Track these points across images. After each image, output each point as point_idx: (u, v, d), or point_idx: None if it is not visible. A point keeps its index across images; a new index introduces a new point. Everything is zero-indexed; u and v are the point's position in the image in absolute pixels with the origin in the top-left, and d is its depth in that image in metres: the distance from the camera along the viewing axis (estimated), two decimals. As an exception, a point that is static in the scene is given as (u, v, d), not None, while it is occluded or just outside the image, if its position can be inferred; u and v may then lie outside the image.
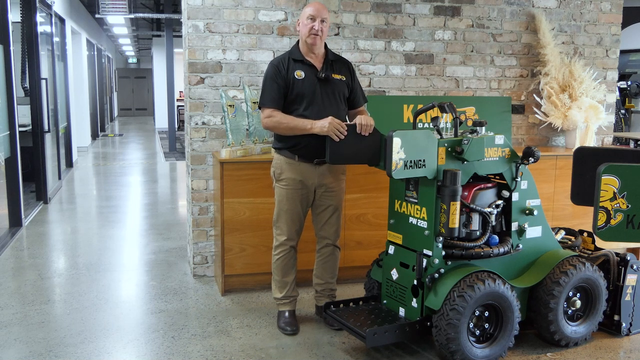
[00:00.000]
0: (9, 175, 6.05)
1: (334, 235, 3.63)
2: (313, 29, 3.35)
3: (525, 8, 5.01)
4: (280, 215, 3.52)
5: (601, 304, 3.46)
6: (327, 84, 3.42)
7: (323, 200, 3.53)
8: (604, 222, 2.96)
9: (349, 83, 3.53)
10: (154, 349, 3.36)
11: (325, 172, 3.47)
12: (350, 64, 3.60)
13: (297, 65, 3.41)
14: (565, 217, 4.71)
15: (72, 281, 4.48)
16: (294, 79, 3.38)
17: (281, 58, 3.46)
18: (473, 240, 3.24)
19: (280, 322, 3.60)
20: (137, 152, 13.03)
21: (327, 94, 3.42)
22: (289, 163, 3.44)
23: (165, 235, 5.81)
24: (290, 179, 3.45)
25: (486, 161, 3.25)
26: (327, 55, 3.49)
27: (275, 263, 3.59)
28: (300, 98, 3.38)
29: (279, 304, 3.65)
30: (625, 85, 9.69)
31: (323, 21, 3.37)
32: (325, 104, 3.39)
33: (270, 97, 3.37)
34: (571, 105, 4.93)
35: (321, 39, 3.40)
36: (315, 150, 3.35)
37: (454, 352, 3.03)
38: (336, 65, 3.50)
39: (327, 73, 3.42)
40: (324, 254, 3.67)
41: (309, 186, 3.47)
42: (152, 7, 14.74)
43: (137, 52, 25.83)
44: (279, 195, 3.51)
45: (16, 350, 3.32)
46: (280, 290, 3.62)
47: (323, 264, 3.68)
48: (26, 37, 6.80)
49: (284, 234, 3.53)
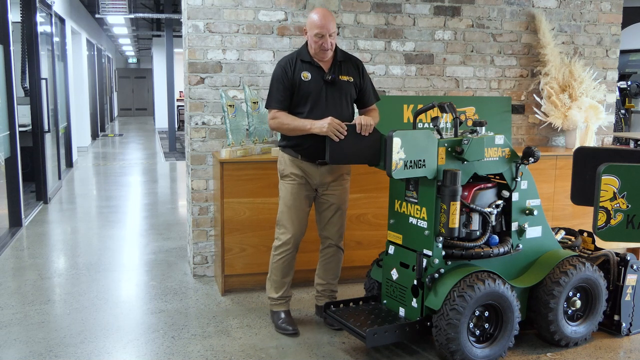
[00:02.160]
0: (9, 175, 6.05)
1: (336, 236, 3.62)
2: (324, 46, 3.31)
3: (525, 8, 5.01)
4: (285, 213, 3.50)
5: (601, 304, 3.45)
6: (334, 86, 3.39)
7: (325, 198, 3.53)
8: (604, 222, 2.96)
9: (358, 83, 3.48)
10: (154, 349, 3.36)
11: (328, 171, 3.47)
12: (360, 63, 3.54)
13: (305, 67, 3.38)
14: (565, 217, 4.71)
15: (72, 281, 4.48)
16: (300, 81, 3.35)
17: (289, 58, 3.42)
18: (473, 240, 3.24)
19: (279, 322, 3.58)
20: (137, 152, 13.03)
21: (334, 97, 3.39)
22: (292, 160, 3.46)
23: (165, 235, 5.81)
24: (293, 174, 3.46)
25: (486, 161, 3.25)
26: (336, 56, 3.44)
27: (276, 263, 3.56)
28: (305, 100, 3.36)
29: (274, 304, 3.63)
30: (625, 85, 9.69)
31: (331, 35, 3.30)
32: (330, 106, 3.37)
33: (276, 99, 3.36)
34: (571, 105, 4.93)
35: (331, 50, 3.37)
36: (318, 150, 3.35)
37: (454, 352, 3.03)
38: (345, 65, 3.45)
39: (334, 75, 3.39)
40: (326, 255, 3.66)
41: (312, 184, 3.48)
42: (152, 7, 14.75)
43: (137, 52, 25.83)
44: (284, 192, 3.51)
45: (16, 350, 3.32)
46: (277, 290, 3.60)
47: (325, 265, 3.68)
48: (26, 37, 6.80)
49: (288, 232, 3.50)
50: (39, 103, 6.94)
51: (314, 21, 3.29)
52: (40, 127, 7.00)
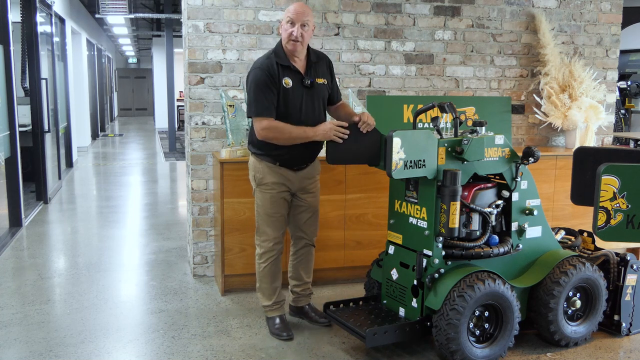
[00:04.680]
0: (9, 175, 6.05)
1: (312, 235, 3.60)
2: (292, 35, 3.18)
3: (525, 8, 5.01)
4: (265, 220, 3.44)
5: (601, 304, 3.45)
6: (311, 91, 3.32)
7: (302, 202, 3.49)
8: (604, 222, 2.96)
9: (329, 84, 3.44)
10: (154, 349, 3.36)
11: (305, 175, 3.44)
12: (329, 60, 3.48)
13: (285, 72, 3.24)
14: (565, 217, 4.71)
15: (72, 281, 4.48)
16: (283, 87, 3.23)
17: (269, 63, 3.23)
18: (473, 240, 3.24)
19: (274, 328, 3.53)
20: (137, 152, 13.03)
21: (312, 101, 3.32)
22: (270, 167, 3.37)
23: (165, 235, 5.81)
24: (272, 182, 3.38)
25: (486, 161, 3.25)
26: (310, 57, 3.35)
27: (263, 271, 3.51)
28: (288, 107, 3.25)
29: (269, 311, 3.58)
30: (625, 85, 9.68)
31: (304, 25, 3.18)
32: (308, 112, 3.30)
33: (264, 106, 3.18)
34: (571, 105, 4.93)
35: (302, 45, 3.23)
36: (296, 159, 3.34)
37: (454, 352, 3.03)
38: (318, 67, 3.38)
39: (312, 79, 3.31)
40: (302, 254, 3.62)
41: (290, 189, 3.43)
42: (152, 7, 14.74)
43: (137, 52, 25.84)
44: (262, 200, 3.43)
45: (16, 350, 3.32)
46: (270, 297, 3.55)
47: (301, 264, 3.64)
48: (26, 37, 6.80)
49: (270, 239, 3.45)
50: (39, 103, 6.94)
51: (288, 9, 3.24)
52: (40, 127, 7.00)
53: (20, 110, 6.37)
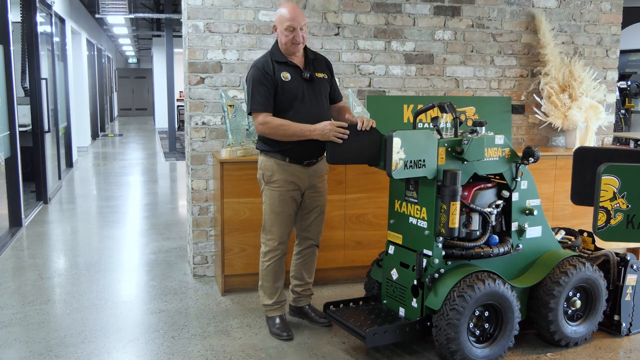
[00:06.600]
0: (9, 175, 6.05)
1: (318, 236, 3.61)
2: (296, 39, 3.27)
3: (525, 8, 5.01)
4: (272, 219, 3.45)
5: (601, 304, 3.45)
6: (313, 84, 3.37)
7: (311, 202, 3.50)
8: (604, 222, 2.96)
9: (330, 81, 3.50)
10: (154, 349, 3.36)
11: (314, 173, 3.45)
12: (328, 61, 3.54)
13: (282, 67, 3.31)
14: (565, 217, 4.72)
15: (72, 281, 4.48)
16: (281, 82, 3.29)
17: (264, 60, 3.33)
18: (473, 240, 3.24)
19: (274, 328, 3.54)
20: (137, 152, 13.03)
21: (314, 94, 3.37)
22: (279, 164, 3.37)
23: (165, 235, 5.81)
24: (282, 180, 3.38)
25: (486, 161, 3.25)
26: (307, 54, 3.43)
27: (267, 269, 3.51)
28: (289, 100, 3.31)
29: (269, 310, 3.59)
30: (625, 85, 9.68)
31: (302, 28, 3.28)
32: (313, 105, 3.34)
33: (262, 101, 3.26)
34: (571, 105, 4.93)
35: (303, 44, 3.34)
36: (306, 152, 3.34)
37: (454, 352, 3.03)
38: (317, 63, 3.45)
39: (311, 73, 3.36)
40: (306, 255, 3.63)
41: (300, 187, 3.43)
42: (152, 7, 14.74)
43: (137, 52, 25.84)
44: (271, 198, 3.43)
45: (16, 350, 3.32)
46: (271, 296, 3.56)
47: (304, 265, 3.64)
48: (26, 37, 6.80)
49: (275, 238, 3.46)
50: (39, 103, 6.94)
51: (283, 15, 3.27)
52: (40, 127, 7.00)
53: (20, 110, 6.37)
